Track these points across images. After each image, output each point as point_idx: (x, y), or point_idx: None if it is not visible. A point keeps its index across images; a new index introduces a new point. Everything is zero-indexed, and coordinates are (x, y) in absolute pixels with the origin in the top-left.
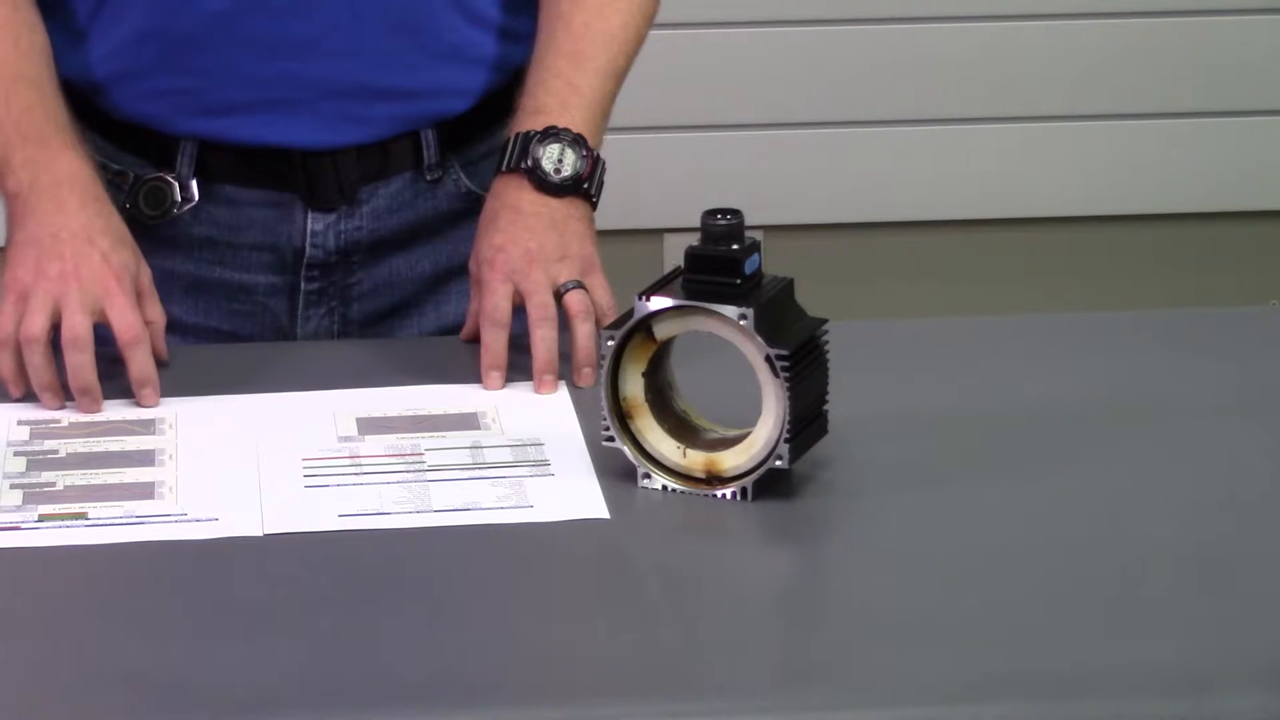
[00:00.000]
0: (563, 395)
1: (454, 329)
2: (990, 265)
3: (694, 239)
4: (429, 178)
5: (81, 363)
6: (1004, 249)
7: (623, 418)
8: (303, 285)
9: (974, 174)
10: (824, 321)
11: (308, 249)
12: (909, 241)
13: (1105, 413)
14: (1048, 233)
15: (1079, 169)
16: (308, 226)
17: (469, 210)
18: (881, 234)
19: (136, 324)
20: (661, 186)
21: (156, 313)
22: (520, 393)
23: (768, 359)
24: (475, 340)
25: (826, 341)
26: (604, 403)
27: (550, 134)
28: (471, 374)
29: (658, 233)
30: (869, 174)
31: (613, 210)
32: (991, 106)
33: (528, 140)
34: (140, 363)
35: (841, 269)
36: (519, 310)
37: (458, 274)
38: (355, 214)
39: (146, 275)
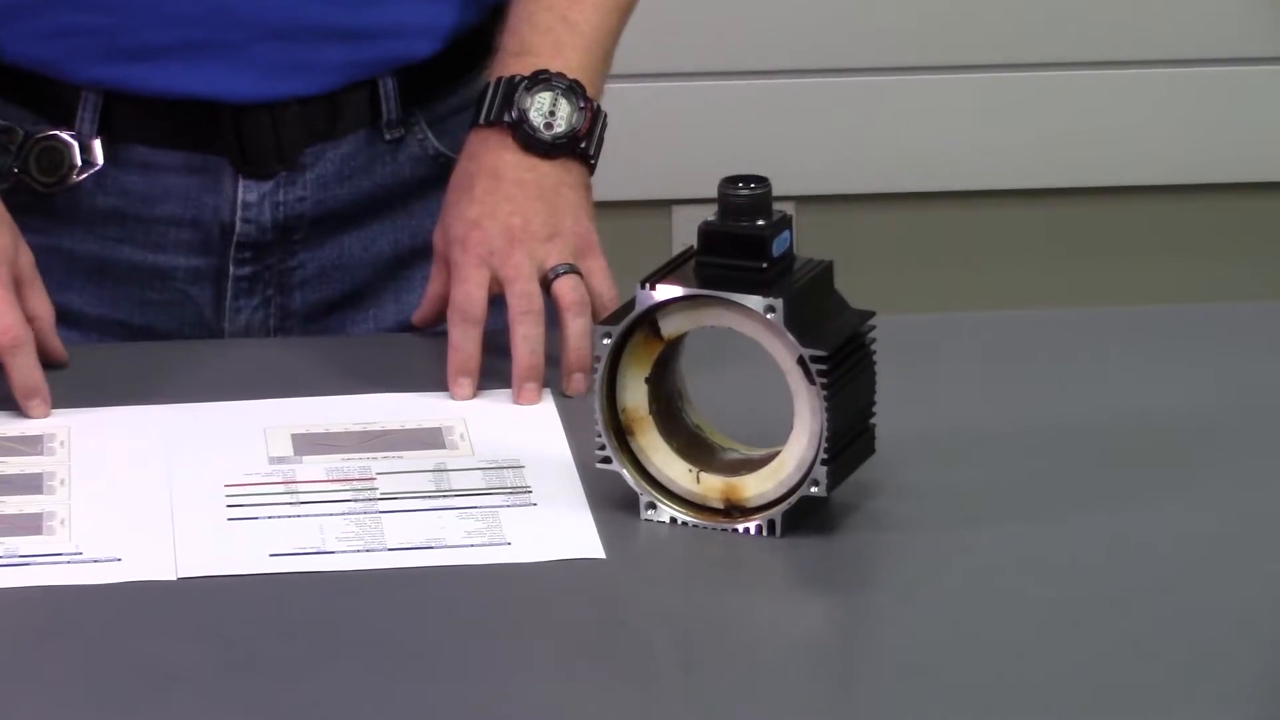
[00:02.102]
0: (548, 406)
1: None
2: (1076, 245)
3: (709, 212)
4: (388, 137)
5: None
6: (1092, 224)
7: (621, 434)
8: (232, 269)
9: (1050, 133)
10: (870, 315)
11: (238, 224)
12: (975, 216)
13: (1220, 426)
14: (1146, 204)
15: (1187, 127)
16: (238, 197)
17: (437, 177)
18: (941, 207)
19: (17, 323)
20: (670, 147)
21: (43, 306)
22: (495, 403)
23: (801, 361)
24: (434, 330)
25: (873, 340)
26: (598, 415)
27: (540, 80)
28: (436, 380)
29: (665, 204)
30: (925, 133)
31: (611, 177)
32: (1075, 50)
33: (512, 87)
34: (24, 369)
35: (892, 250)
36: (496, 301)
37: (422, 256)
38: (297, 182)
39: (27, 259)
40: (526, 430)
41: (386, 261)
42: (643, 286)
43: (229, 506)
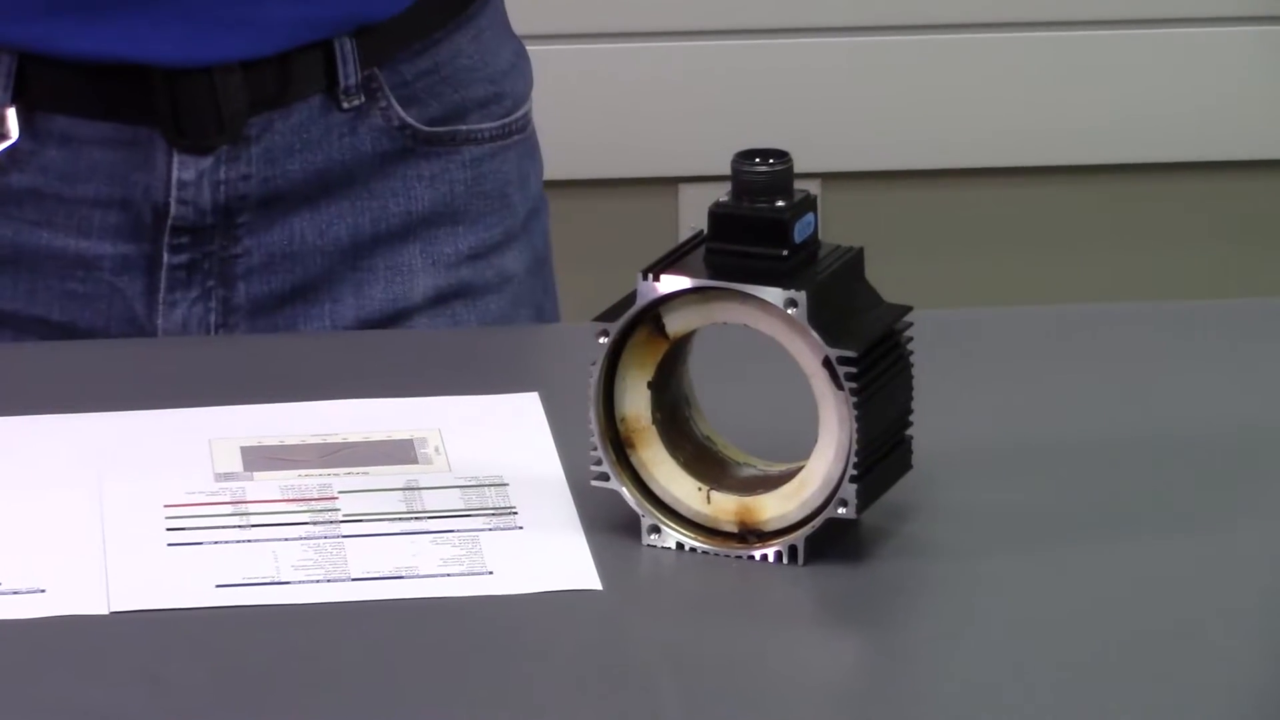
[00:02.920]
0: (535, 415)
1: (379, 322)
2: (1146, 229)
3: (721, 192)
4: (346, 105)
5: None
6: (1167, 205)
7: (620, 447)
8: (166, 257)
9: (1120, 101)
10: (906, 310)
11: (173, 206)
12: (1027, 196)
13: None
14: (1230, 182)
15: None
16: (173, 174)
17: (403, 152)
18: (987, 185)
19: None
20: (676, 117)
21: None
22: (475, 411)
23: (827, 363)
24: (405, 325)
25: (910, 339)
26: (593, 425)
27: None
28: (407, 384)
29: (670, 183)
30: (970, 101)
31: (608, 152)
32: (1154, 4)
33: None
34: None
35: (931, 235)
36: (475, 291)
37: (385, 243)
38: (241, 157)
39: None
40: (511, 442)
41: (344, 249)
42: (644, 277)
43: (169, 530)
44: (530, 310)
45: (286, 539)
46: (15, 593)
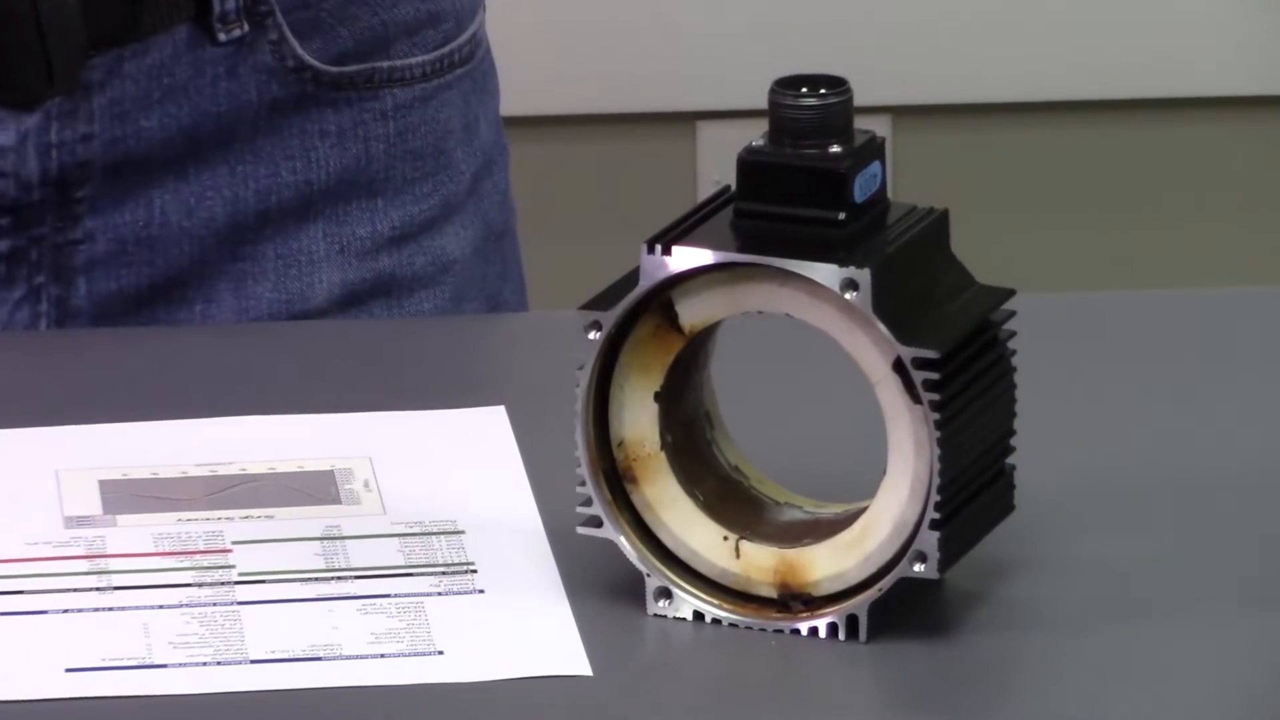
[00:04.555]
0: (502, 435)
1: (266, 319)
2: None
3: (756, 133)
4: (224, 38)
5: None
6: None
7: (618, 481)
8: None
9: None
10: (1008, 294)
11: None
12: (1168, 136)
13: None
14: None
15: None
16: None
17: (301, 100)
18: (1114, 121)
19: None
20: (694, 35)
21: None
22: (417, 431)
23: (899, 367)
24: (322, 314)
25: (1013, 333)
26: (581, 451)
27: None
28: (328, 393)
29: (687, 119)
30: (1088, 15)
31: (605, 80)
32: None
33: None
34: None
35: (1038, 190)
36: (416, 283)
37: (275, 222)
38: (80, 112)
39: None
40: (467, 475)
41: (220, 231)
42: (650, 249)
43: (2, 595)
44: (479, 305)
45: (162, 606)
46: None
